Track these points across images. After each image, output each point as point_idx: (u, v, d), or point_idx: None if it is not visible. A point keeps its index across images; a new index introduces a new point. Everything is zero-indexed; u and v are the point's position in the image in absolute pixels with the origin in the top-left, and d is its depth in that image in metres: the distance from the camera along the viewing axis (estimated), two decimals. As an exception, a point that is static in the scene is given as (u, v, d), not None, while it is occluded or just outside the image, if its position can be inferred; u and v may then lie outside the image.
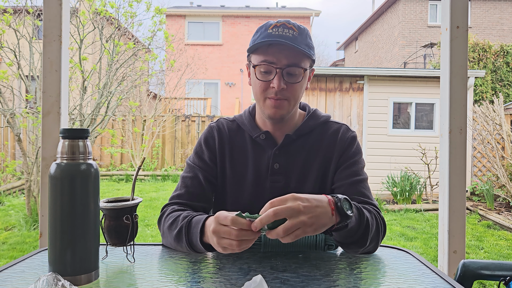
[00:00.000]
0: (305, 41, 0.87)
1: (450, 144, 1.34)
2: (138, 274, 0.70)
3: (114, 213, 0.73)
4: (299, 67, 0.87)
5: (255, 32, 0.92)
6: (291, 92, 0.88)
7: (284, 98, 0.88)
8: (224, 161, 0.96)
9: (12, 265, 0.73)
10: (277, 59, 0.86)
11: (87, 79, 4.46)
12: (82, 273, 0.63)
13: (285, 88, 0.87)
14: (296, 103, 0.92)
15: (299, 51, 0.86)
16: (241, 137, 0.97)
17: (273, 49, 0.86)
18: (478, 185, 5.51)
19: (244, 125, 0.98)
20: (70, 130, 0.63)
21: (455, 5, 1.35)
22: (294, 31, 0.86)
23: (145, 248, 0.85)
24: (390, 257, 0.82)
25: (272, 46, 0.86)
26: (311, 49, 0.89)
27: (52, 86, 1.41)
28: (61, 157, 0.63)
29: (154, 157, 8.22)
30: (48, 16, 1.40)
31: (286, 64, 0.86)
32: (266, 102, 0.89)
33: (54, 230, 0.62)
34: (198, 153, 0.97)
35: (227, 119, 1.01)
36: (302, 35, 0.87)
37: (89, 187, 0.63)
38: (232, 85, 14.38)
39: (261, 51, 0.87)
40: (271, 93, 0.87)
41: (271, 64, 0.86)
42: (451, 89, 1.35)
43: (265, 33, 0.87)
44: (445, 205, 1.35)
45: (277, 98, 0.87)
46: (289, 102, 0.89)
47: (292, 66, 0.86)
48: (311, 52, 0.89)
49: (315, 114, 0.99)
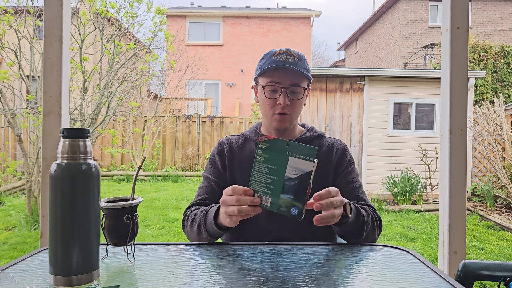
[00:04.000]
0: (303, 65, 1.06)
1: (451, 144, 1.34)
2: (138, 274, 0.70)
3: (114, 213, 0.73)
4: (300, 87, 1.05)
5: (261, 59, 1.10)
6: (293, 107, 1.06)
7: (288, 113, 1.05)
8: (234, 168, 1.10)
9: (13, 265, 0.73)
10: (282, 80, 1.03)
11: (88, 80, 4.47)
12: (83, 272, 0.63)
13: (289, 104, 1.04)
14: (297, 117, 1.10)
15: (300, 74, 1.04)
16: (249, 146, 1.13)
17: (279, 72, 1.03)
18: (478, 186, 5.51)
19: (251, 136, 1.15)
20: (71, 130, 0.63)
21: (455, 5, 1.35)
22: (295, 58, 1.04)
23: (146, 248, 0.85)
24: (390, 256, 0.82)
25: (278, 70, 1.03)
26: (308, 72, 1.07)
27: (53, 86, 1.40)
28: (61, 157, 0.63)
29: (154, 158, 8.23)
30: (49, 17, 1.40)
31: (289, 84, 1.03)
32: (274, 116, 1.06)
33: (55, 230, 0.62)
34: (212, 163, 1.13)
35: (235, 135, 1.20)
36: (301, 61, 1.06)
37: (90, 187, 0.63)
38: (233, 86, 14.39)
39: (268, 74, 1.05)
40: (277, 109, 1.05)
41: (277, 84, 1.04)
42: (452, 90, 1.35)
43: (271, 60, 1.05)
44: (446, 205, 1.35)
45: (283, 112, 1.04)
46: (292, 116, 1.07)
47: (295, 86, 1.04)
48: (309, 74, 1.07)
49: (312, 128, 1.19)
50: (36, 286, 0.63)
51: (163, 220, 4.37)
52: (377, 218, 1.01)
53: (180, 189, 6.48)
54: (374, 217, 1.00)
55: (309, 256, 0.82)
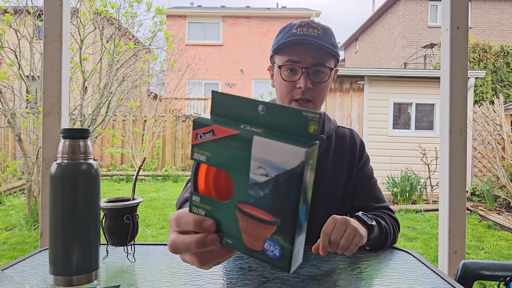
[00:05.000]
0: (330, 40, 0.85)
1: (451, 144, 1.34)
2: (138, 274, 0.70)
3: (114, 213, 0.73)
4: (325, 67, 0.84)
5: (278, 33, 0.89)
6: (317, 92, 0.85)
7: (310, 99, 0.85)
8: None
9: (13, 265, 0.73)
10: (303, 59, 0.83)
11: (88, 79, 4.46)
12: (83, 272, 0.63)
13: (311, 88, 0.84)
14: (322, 104, 0.90)
15: (325, 50, 0.83)
16: None
17: (299, 48, 0.83)
18: (478, 186, 5.51)
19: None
20: (71, 130, 0.63)
21: (455, 5, 1.35)
22: (319, 30, 0.84)
23: (146, 248, 0.85)
24: (390, 257, 0.82)
25: (297, 45, 0.83)
26: (336, 48, 0.86)
27: (53, 86, 1.40)
28: (61, 157, 0.63)
29: (154, 157, 8.23)
30: (49, 17, 1.40)
31: (312, 64, 0.83)
32: (292, 103, 0.86)
33: (55, 230, 0.62)
34: None
35: None
36: (327, 34, 0.85)
37: (90, 187, 0.63)
38: (233, 86, 14.39)
39: (286, 51, 0.85)
40: (297, 94, 0.85)
41: (296, 64, 0.84)
42: (451, 90, 1.34)
43: (290, 33, 0.84)
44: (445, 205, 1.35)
45: (304, 98, 0.85)
46: (315, 103, 0.86)
47: (318, 65, 0.84)
48: (336, 50, 0.86)
49: (328, 116, 1.00)
50: (36, 286, 0.63)
51: (163, 220, 4.37)
52: (395, 223, 0.92)
53: (180, 189, 6.47)
54: (393, 224, 0.91)
55: (310, 256, 0.81)
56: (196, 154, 0.38)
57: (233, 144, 0.35)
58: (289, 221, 0.33)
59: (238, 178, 0.35)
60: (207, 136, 0.37)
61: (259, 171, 0.34)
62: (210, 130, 0.37)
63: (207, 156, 0.37)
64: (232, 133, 0.35)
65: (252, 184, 0.34)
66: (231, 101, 0.37)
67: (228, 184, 0.40)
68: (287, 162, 0.32)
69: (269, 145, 0.33)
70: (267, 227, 0.35)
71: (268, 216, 0.34)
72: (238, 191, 0.36)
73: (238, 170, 0.35)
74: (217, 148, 0.36)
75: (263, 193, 0.34)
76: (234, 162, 0.35)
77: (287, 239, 0.34)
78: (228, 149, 0.35)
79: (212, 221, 0.38)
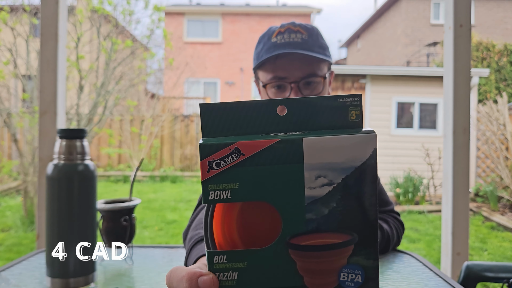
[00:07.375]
0: (317, 42, 0.74)
1: (454, 144, 1.34)
2: (136, 277, 0.69)
3: (112, 215, 0.73)
4: (316, 76, 0.74)
5: (258, 43, 0.78)
6: None
7: None
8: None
9: (9, 267, 0.72)
10: (289, 73, 0.73)
11: (84, 78, 4.40)
12: (80, 275, 0.63)
13: None
14: None
15: (313, 58, 0.72)
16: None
17: (282, 61, 0.72)
18: (482, 186, 5.45)
19: None
20: (67, 130, 0.63)
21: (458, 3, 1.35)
22: (302, 34, 0.73)
23: (143, 250, 0.85)
24: (393, 260, 0.80)
25: (280, 58, 0.72)
26: (325, 50, 0.76)
27: (49, 85, 1.41)
28: (58, 157, 0.63)
29: (152, 158, 8.17)
30: (45, 14, 1.40)
31: (300, 77, 0.73)
32: None
33: (51, 231, 0.62)
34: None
35: None
36: (313, 36, 0.74)
37: (87, 187, 0.63)
38: (232, 84, 14.31)
39: (268, 66, 0.74)
40: None
41: (283, 80, 0.73)
42: (455, 89, 1.35)
43: (269, 43, 0.74)
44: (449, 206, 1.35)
45: None
46: None
47: (308, 77, 0.73)
48: (326, 53, 0.75)
49: None
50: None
51: (161, 222, 4.32)
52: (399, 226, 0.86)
53: (178, 190, 6.42)
54: (398, 228, 0.85)
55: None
56: (213, 193, 0.27)
57: (273, 159, 0.26)
58: (370, 230, 0.27)
59: (287, 204, 0.27)
60: (229, 160, 0.27)
61: (319, 181, 0.26)
62: (234, 150, 0.27)
63: (232, 190, 0.27)
64: (269, 144, 0.26)
65: (311, 204, 0.27)
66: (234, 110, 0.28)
67: (267, 220, 0.29)
68: (356, 156, 0.26)
69: (326, 144, 0.26)
70: (342, 251, 0.27)
71: (341, 237, 0.27)
72: (287, 223, 0.27)
73: (286, 193, 0.27)
74: (248, 173, 0.26)
75: (329, 209, 0.27)
76: (278, 184, 0.26)
77: (371, 253, 0.27)
78: (267, 169, 0.26)
79: (212, 277, 0.27)
